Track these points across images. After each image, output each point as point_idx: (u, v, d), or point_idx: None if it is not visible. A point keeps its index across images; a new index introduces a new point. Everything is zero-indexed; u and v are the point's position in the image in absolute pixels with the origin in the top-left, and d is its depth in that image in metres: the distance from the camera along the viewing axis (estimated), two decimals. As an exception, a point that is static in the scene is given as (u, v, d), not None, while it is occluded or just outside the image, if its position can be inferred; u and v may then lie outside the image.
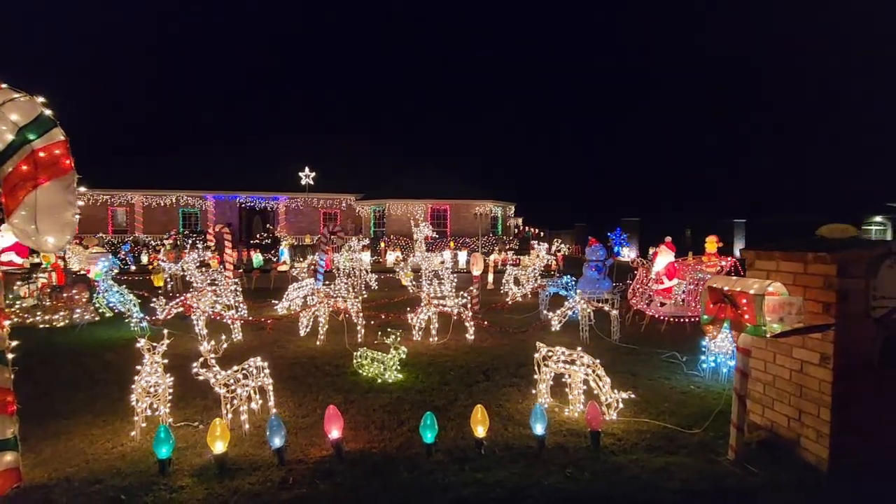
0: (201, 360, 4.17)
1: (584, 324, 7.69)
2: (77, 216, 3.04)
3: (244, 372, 4.46)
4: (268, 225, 27.63)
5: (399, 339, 5.89)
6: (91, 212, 27.93)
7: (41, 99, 2.99)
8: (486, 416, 3.92)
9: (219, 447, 3.61)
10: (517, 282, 11.43)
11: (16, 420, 3.40)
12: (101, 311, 8.66)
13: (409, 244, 21.92)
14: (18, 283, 8.86)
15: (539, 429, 3.93)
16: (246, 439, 4.15)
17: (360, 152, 32.00)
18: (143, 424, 4.19)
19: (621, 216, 28.73)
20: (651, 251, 23.77)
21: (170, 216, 28.40)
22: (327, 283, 9.67)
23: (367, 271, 13.07)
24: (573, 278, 9.10)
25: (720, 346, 5.79)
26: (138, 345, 4.12)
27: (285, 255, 21.26)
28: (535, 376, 5.00)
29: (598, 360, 4.70)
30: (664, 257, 8.19)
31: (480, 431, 3.88)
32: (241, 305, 9.13)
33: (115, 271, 11.97)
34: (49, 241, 2.94)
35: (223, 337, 4.61)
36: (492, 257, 14.70)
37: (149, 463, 3.70)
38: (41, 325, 8.47)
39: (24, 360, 6.71)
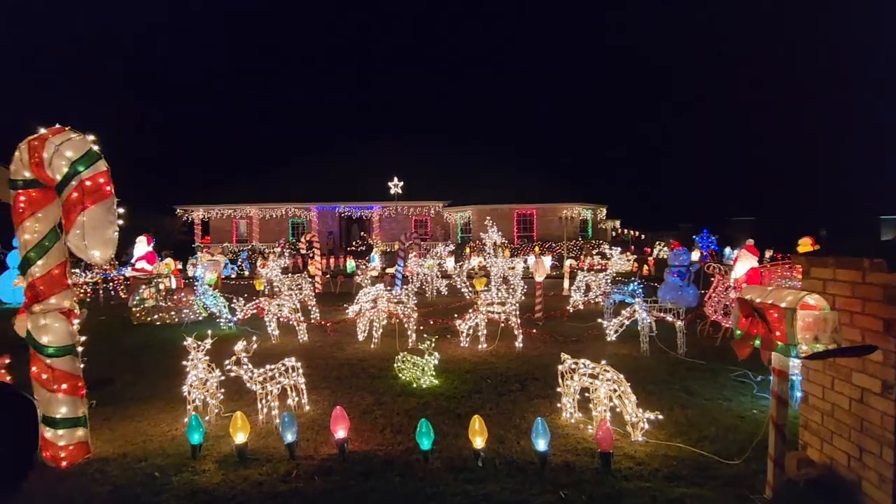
0: (234, 358, 4.65)
1: (644, 335, 7.10)
2: (116, 233, 3.61)
3: (276, 371, 4.86)
4: (362, 233, 29.43)
5: (433, 344, 5.97)
6: (220, 224, 32.15)
7: (91, 137, 3.62)
8: (483, 427, 3.85)
9: (240, 438, 4.00)
10: (588, 288, 10.88)
11: (85, 401, 4.09)
12: (198, 311, 9.97)
13: (496, 249, 21.89)
14: (143, 286, 10.52)
15: (541, 444, 3.75)
16: (273, 433, 4.53)
17: (447, 159, 32.74)
18: (195, 412, 4.77)
19: (733, 215, 25.82)
20: (767, 254, 20.99)
21: (281, 226, 31.58)
22: (389, 288, 10.07)
23: (438, 277, 13.34)
24: (640, 285, 8.43)
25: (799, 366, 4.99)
26: (185, 343, 4.72)
27: (376, 261, 22.54)
28: (559, 389, 4.76)
29: (622, 376, 4.34)
30: (745, 262, 7.25)
31: (479, 442, 3.82)
32: (314, 308, 9.91)
33: (214, 277, 13.60)
34: (95, 255, 3.53)
35: (254, 338, 5.07)
36: (567, 262, 14.13)
37: (188, 447, 4.22)
38: (157, 323, 9.99)
39: (136, 351, 8.07)
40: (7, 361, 5.01)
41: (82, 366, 4.11)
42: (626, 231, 36.45)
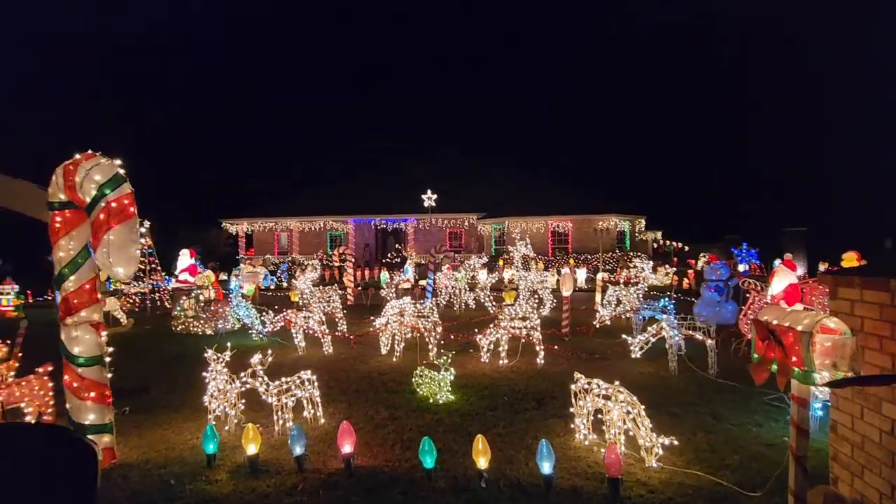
0: (250, 370, 4.80)
1: (672, 353, 6.81)
2: (139, 251, 3.84)
3: (292, 383, 4.99)
4: (396, 245, 29.81)
5: (449, 360, 5.96)
6: (263, 237, 33.42)
7: (118, 161, 3.88)
8: (487, 448, 3.79)
9: (251, 449, 4.12)
10: (619, 303, 10.55)
11: (112, 409, 4.34)
12: (232, 322, 10.37)
13: (527, 262, 21.65)
14: (184, 297, 11.07)
15: (546, 467, 3.66)
16: (287, 445, 4.62)
17: (482, 171, 32.80)
18: (214, 422, 4.96)
19: (784, 225, 24.42)
20: (821, 266, 19.67)
21: (320, 239, 32.47)
22: (419, 301, 10.11)
23: (466, 290, 13.31)
24: (673, 300, 8.10)
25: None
26: (206, 354, 4.93)
27: (409, 272, 22.75)
28: (572, 409, 4.64)
29: (635, 398, 4.18)
30: (783, 278, 6.85)
31: (482, 463, 3.77)
32: (341, 321, 10.10)
33: (252, 288, 14.10)
34: (119, 271, 3.76)
35: (269, 351, 5.22)
36: (599, 275, 13.77)
37: (205, 456, 4.38)
38: (195, 332, 10.46)
39: (174, 360, 8.47)
40: (50, 369, 5.38)
41: (110, 375, 4.37)
42: (667, 242, 35.21)
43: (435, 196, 25.67)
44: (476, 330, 8.15)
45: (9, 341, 5.77)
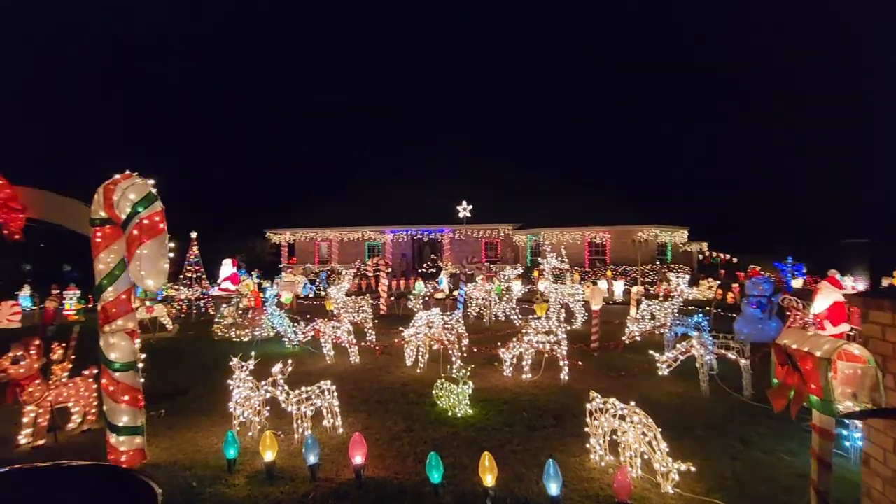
0: (270, 379, 4.99)
1: (704, 372, 6.52)
2: (167, 265, 4.11)
3: (311, 393, 5.13)
4: (432, 255, 30.05)
5: (468, 373, 5.96)
6: (304, 246, 34.50)
7: (151, 181, 4.18)
8: (493, 465, 3.77)
9: (268, 456, 4.28)
10: (653, 317, 10.20)
11: (143, 412, 4.61)
12: (267, 329, 10.77)
13: (562, 273, 21.30)
14: (224, 304, 11.61)
15: (553, 488, 3.60)
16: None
17: (517, 181, 32.65)
18: (238, 428, 5.17)
19: (843, 236, 22.91)
20: (885, 282, 18.22)
21: (358, 249, 33.20)
22: (450, 312, 10.16)
23: (496, 301, 13.22)
24: (707, 317, 7.77)
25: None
26: (231, 363, 5.16)
27: (444, 283, 22.86)
28: (587, 429, 4.53)
29: (651, 420, 4.04)
30: (826, 296, 6.44)
31: (489, 480, 3.75)
32: (370, 331, 10.28)
33: (290, 296, 14.55)
34: (150, 283, 4.03)
35: (290, 360, 5.38)
36: (634, 289, 13.35)
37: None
38: (234, 339, 10.93)
39: (212, 365, 8.87)
40: (95, 372, 5.78)
41: (142, 379, 4.65)
42: (714, 254, 33.69)
43: (470, 207, 25.74)
44: (499, 343, 8.10)
45: (64, 344, 6.24)
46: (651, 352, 7.15)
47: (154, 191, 4.15)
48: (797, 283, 20.19)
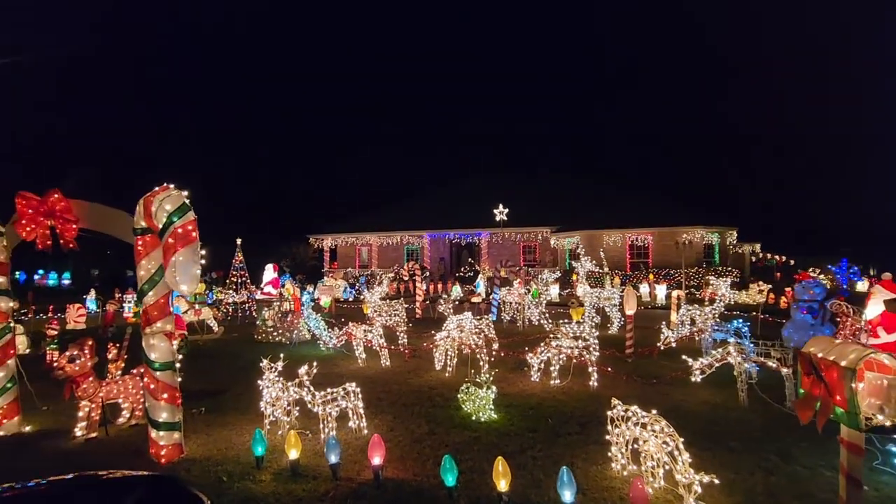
0: (297, 380, 5.18)
1: (742, 381, 6.21)
2: (199, 271, 4.37)
3: (336, 394, 5.29)
4: (469, 259, 30.07)
5: (492, 378, 5.96)
6: (345, 251, 35.38)
7: (185, 192, 4.47)
8: (507, 470, 3.76)
9: (293, 454, 4.45)
10: (693, 323, 9.79)
11: (181, 409, 4.91)
12: (303, 333, 11.15)
13: (601, 276, 20.78)
14: (265, 308, 12.11)
15: (567, 496, 3.56)
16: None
17: (555, 185, 32.20)
18: (269, 427, 5.39)
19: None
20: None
21: (397, 253, 33.70)
22: (485, 316, 10.16)
23: (529, 306, 13.07)
24: (747, 322, 7.40)
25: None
26: (261, 364, 5.39)
27: (481, 287, 22.83)
28: (608, 437, 4.43)
29: (673, 430, 3.91)
30: (880, 300, 6.00)
31: (503, 485, 3.74)
32: (402, 334, 10.44)
33: (329, 300, 14.97)
34: (184, 288, 4.31)
35: (315, 363, 5.56)
36: (674, 293, 12.85)
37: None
38: (273, 341, 11.38)
39: (252, 366, 9.25)
40: (142, 370, 6.19)
41: (179, 379, 4.96)
42: (768, 256, 31.92)
43: (506, 210, 25.58)
44: (527, 348, 8.03)
45: (118, 344, 6.73)
46: (685, 357, 6.87)
47: (188, 201, 4.43)
48: (862, 285, 18.71)
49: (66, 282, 40.58)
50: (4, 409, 5.62)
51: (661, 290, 18.96)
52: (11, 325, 5.79)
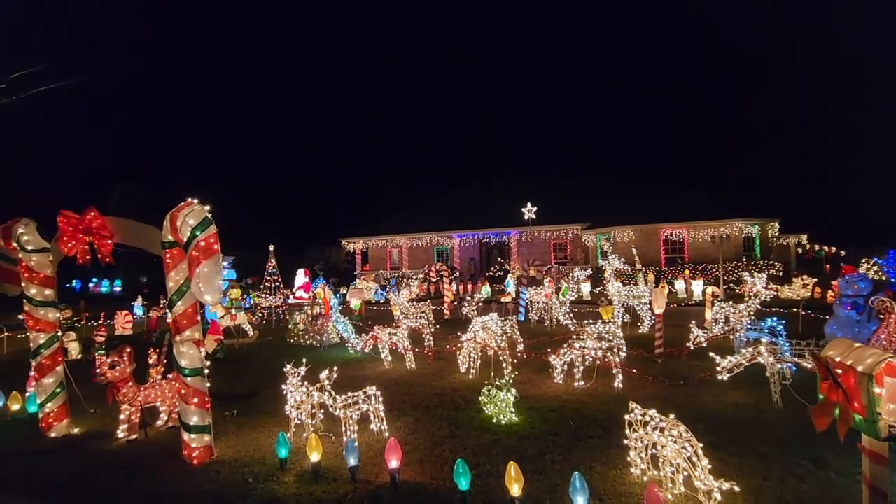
0: (319, 384, 5.33)
1: (775, 382, 5.96)
2: (221, 281, 4.57)
3: (357, 398, 5.41)
4: (499, 258, 29.92)
5: (511, 380, 5.94)
6: (376, 253, 35.90)
7: (207, 207, 4.68)
8: (519, 475, 3.76)
9: (314, 457, 4.59)
10: (727, 321, 9.44)
11: (210, 413, 5.14)
12: (332, 336, 11.40)
13: (634, 272, 20.27)
14: (297, 312, 12.46)
15: (580, 502, 3.52)
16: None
17: (585, 180, 31.61)
18: (293, 430, 5.57)
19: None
20: None
21: (427, 254, 33.92)
22: (513, 316, 10.13)
23: (558, 306, 12.90)
24: (782, 320, 7.08)
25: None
26: (285, 369, 5.58)
27: (511, 286, 22.69)
28: (626, 441, 4.36)
29: (691, 434, 3.81)
30: (926, 296, 5.62)
31: (515, 490, 3.75)
32: (428, 337, 10.53)
33: (359, 303, 15.21)
34: (208, 298, 4.51)
35: (334, 367, 5.69)
36: (709, 289, 12.38)
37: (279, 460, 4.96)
38: (305, 345, 11.70)
39: (282, 370, 9.60)
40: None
41: (208, 384, 5.19)
42: (816, 247, 30.29)
43: (535, 209, 25.32)
44: (548, 349, 7.95)
45: (158, 350, 7.10)
46: (712, 354, 6.63)
47: (209, 216, 4.65)
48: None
49: (117, 289, 43.01)
50: (55, 413, 6.03)
51: (697, 287, 18.31)
52: (59, 334, 6.21)
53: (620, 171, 31.91)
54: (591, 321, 8.61)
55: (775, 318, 7.14)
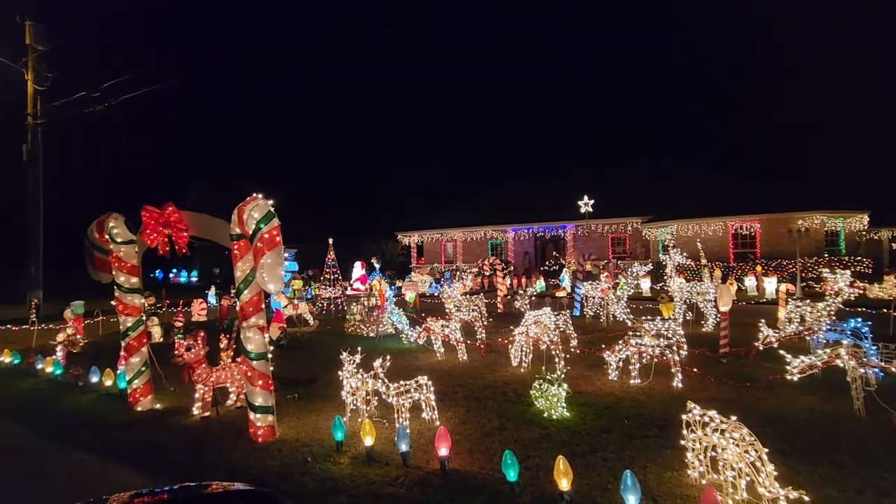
0: (372, 372, 5.52)
1: (857, 388, 5.47)
2: (283, 272, 4.84)
3: (410, 386, 5.56)
4: (554, 252, 29.34)
5: (563, 375, 5.87)
6: (431, 247, 36.37)
7: (271, 201, 4.97)
8: (568, 469, 3.73)
9: (368, 441, 4.79)
10: (803, 321, 8.73)
11: (273, 394, 5.47)
12: (386, 326, 11.72)
13: (699, 268, 19.20)
14: (354, 303, 12.92)
15: (631, 501, 3.44)
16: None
17: (646, 171, 30.20)
18: (349, 414, 5.81)
19: None
20: None
21: (482, 248, 33.92)
22: (567, 311, 9.94)
23: (615, 301, 12.48)
24: (867, 321, 6.48)
25: None
26: (342, 356, 5.82)
27: (566, 281, 22.25)
28: (683, 442, 4.19)
29: (755, 438, 3.60)
30: None
31: (564, 484, 3.72)
32: (480, 330, 10.58)
33: (413, 295, 15.49)
34: (271, 287, 4.82)
35: (387, 356, 5.85)
36: (783, 286, 11.49)
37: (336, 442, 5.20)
38: (362, 335, 12.12)
39: (339, 359, 10.02)
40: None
41: (272, 368, 5.53)
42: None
43: (592, 202, 24.56)
44: (603, 346, 7.74)
45: (228, 335, 7.65)
46: (783, 352, 6.17)
47: (272, 209, 4.93)
48: None
49: (194, 279, 46.50)
50: (141, 389, 6.66)
51: (770, 284, 17.08)
52: (144, 318, 6.84)
53: (686, 161, 30.11)
54: (649, 318, 8.29)
55: (860, 319, 6.53)
